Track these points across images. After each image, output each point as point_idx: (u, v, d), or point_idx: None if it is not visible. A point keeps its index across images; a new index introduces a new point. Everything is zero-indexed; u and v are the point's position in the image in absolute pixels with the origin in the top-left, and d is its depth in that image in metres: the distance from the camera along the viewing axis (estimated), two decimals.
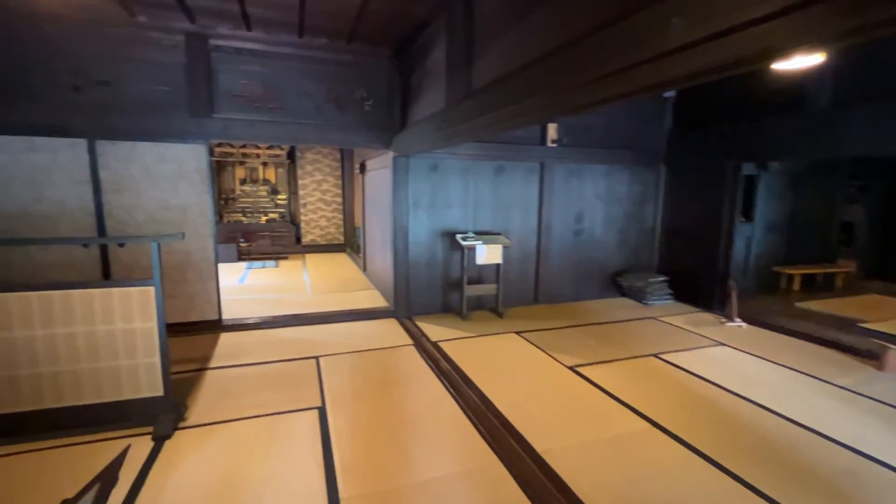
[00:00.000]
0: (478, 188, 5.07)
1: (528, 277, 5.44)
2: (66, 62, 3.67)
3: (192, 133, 4.02)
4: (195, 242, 4.18)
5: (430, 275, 5.00)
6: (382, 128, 4.62)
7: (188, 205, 4.12)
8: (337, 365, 3.56)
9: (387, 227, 5.21)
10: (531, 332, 4.44)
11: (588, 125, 5.40)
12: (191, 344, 3.95)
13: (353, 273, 7.14)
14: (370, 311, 4.97)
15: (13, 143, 3.63)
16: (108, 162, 3.86)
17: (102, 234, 3.91)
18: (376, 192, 5.94)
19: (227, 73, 4.09)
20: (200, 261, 4.23)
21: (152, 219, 4.04)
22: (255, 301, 5.28)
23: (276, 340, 4.10)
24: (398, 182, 4.69)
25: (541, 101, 2.13)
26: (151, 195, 4.01)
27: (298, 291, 5.82)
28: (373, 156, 5.89)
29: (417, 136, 3.84)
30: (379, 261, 5.95)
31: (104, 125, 3.80)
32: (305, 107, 4.35)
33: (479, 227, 5.12)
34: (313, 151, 8.87)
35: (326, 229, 9.18)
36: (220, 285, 5.92)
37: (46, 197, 3.75)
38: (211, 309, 4.32)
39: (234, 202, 8.98)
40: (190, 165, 4.08)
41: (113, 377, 2.52)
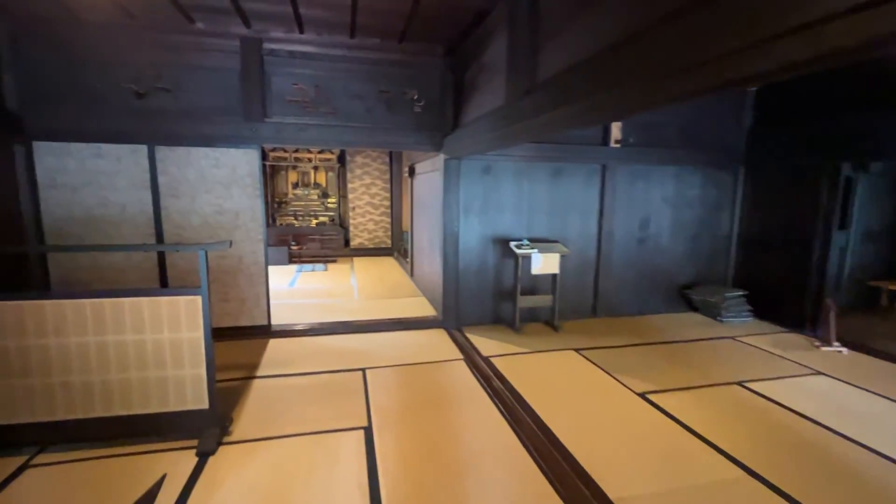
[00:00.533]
0: (533, 192, 4.76)
1: (586, 288, 5.05)
2: (129, 70, 3.75)
3: (245, 138, 4.01)
4: (246, 247, 4.17)
5: (481, 283, 4.74)
6: (433, 129, 4.43)
7: (240, 209, 4.11)
8: (384, 379, 3.38)
9: (436, 233, 5.01)
10: (592, 349, 4.06)
11: (656, 123, 4.93)
12: (240, 349, 3.92)
13: (400, 278, 7.02)
14: (417, 321, 4.78)
15: (82, 150, 3.76)
16: (167, 167, 3.92)
17: (160, 238, 3.98)
18: (425, 195, 5.76)
19: (280, 76, 4.04)
20: (251, 265, 4.21)
21: (206, 223, 4.06)
22: (303, 306, 5.24)
23: (323, 349, 3.99)
24: (449, 185, 4.47)
25: (620, 95, 1.82)
26: (206, 200, 4.03)
27: (346, 296, 5.75)
28: (422, 158, 5.73)
29: (471, 136, 3.60)
30: (427, 266, 5.76)
31: (163, 131, 3.85)
32: (356, 109, 4.24)
33: (534, 233, 4.79)
34: (363, 155, 8.88)
35: (374, 233, 9.16)
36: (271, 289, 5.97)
37: (110, 201, 3.85)
38: (260, 314, 4.30)
39: (286, 206, 9.16)
40: (243, 170, 4.07)
41: (160, 387, 2.46)
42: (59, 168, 3.73)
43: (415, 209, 6.71)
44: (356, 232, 9.06)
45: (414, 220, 6.79)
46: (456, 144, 4.11)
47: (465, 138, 3.80)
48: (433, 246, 5.28)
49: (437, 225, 4.97)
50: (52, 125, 3.66)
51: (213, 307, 4.17)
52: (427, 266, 5.75)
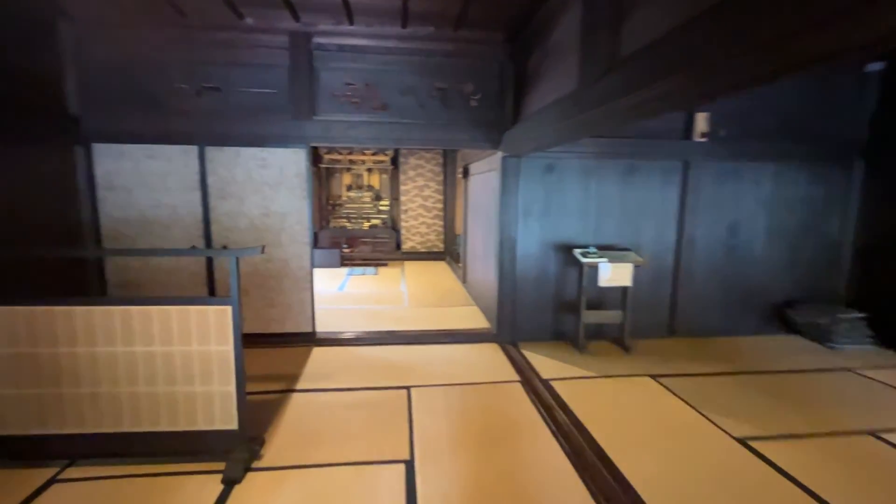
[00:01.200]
0: (601, 193, 4.22)
1: (661, 303, 4.42)
2: (181, 70, 3.70)
3: (293, 137, 3.84)
4: (293, 250, 4.00)
5: (540, 294, 4.27)
6: (491, 125, 4.04)
7: (287, 211, 3.95)
8: (430, 401, 3.03)
9: (491, 237, 4.61)
10: (671, 376, 3.47)
11: (752, 111, 4.22)
12: (283, 358, 3.74)
13: (451, 284, 6.67)
14: (469, 333, 4.40)
15: (136, 152, 3.76)
16: (216, 168, 3.84)
17: (208, 240, 3.90)
18: (480, 197, 5.38)
19: (329, 72, 3.84)
20: (297, 269, 4.04)
21: (253, 225, 3.94)
22: (351, 312, 5.04)
23: (368, 362, 3.72)
24: (507, 186, 4.06)
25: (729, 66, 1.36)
26: (253, 201, 3.91)
27: (395, 303, 5.49)
28: (478, 158, 5.35)
29: (535, 129, 3.17)
30: (480, 273, 5.37)
31: (213, 131, 3.77)
32: (407, 105, 3.94)
33: (602, 239, 4.25)
34: (416, 156, 8.67)
35: (426, 236, 8.91)
36: (320, 292, 5.85)
37: (162, 203, 3.83)
38: (305, 320, 4.11)
39: (339, 208, 9.15)
40: (290, 170, 3.91)
41: (188, 404, 2.27)
42: (115, 170, 3.75)
43: (468, 212, 6.35)
44: (408, 235, 8.86)
45: (467, 224, 6.43)
46: (516, 140, 3.69)
47: (527, 132, 3.38)
48: (487, 251, 4.89)
49: (492, 229, 4.57)
50: (109, 127, 3.68)
51: (259, 312, 4.05)
52: (481, 273, 5.36)
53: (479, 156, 5.18)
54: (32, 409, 2.22)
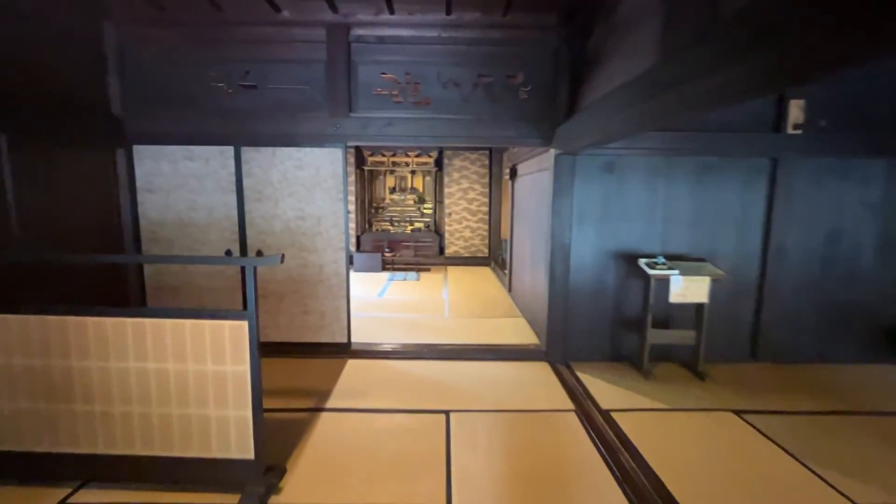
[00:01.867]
0: (671, 195, 3.69)
1: (740, 321, 3.81)
2: (218, 68, 3.59)
3: (329, 136, 3.63)
4: (328, 255, 3.78)
5: (597, 309, 3.79)
6: (542, 119, 3.63)
7: (323, 214, 3.74)
8: (471, 431, 2.67)
9: (540, 244, 4.19)
10: (760, 413, 2.90)
11: (857, 97, 3.55)
12: (316, 371, 3.52)
13: (496, 293, 6.27)
14: (516, 350, 3.99)
15: (175, 153, 3.68)
16: (251, 169, 3.69)
17: (244, 244, 3.76)
18: (528, 200, 4.96)
19: (368, 65, 3.59)
20: (332, 276, 3.81)
21: (288, 228, 3.75)
22: (389, 321, 4.77)
23: (405, 378, 3.41)
24: (560, 187, 3.63)
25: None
26: (288, 204, 3.73)
27: (436, 312, 5.18)
28: (526, 157, 4.94)
29: (595, 121, 2.75)
30: (528, 282, 4.94)
31: (249, 131, 3.63)
32: (451, 98, 3.62)
33: (671, 248, 3.72)
34: (461, 158, 8.35)
35: (471, 241, 8.56)
36: (360, 298, 5.64)
37: (198, 205, 3.73)
38: (340, 330, 3.88)
39: (382, 211, 9.00)
40: (326, 171, 3.69)
41: (202, 428, 2.04)
42: (155, 171, 3.69)
43: (515, 216, 5.93)
44: (451, 239, 8.55)
45: (514, 228, 6.01)
46: (572, 135, 3.27)
47: (585, 125, 2.95)
48: (536, 259, 4.46)
49: (542, 234, 4.15)
50: (149, 128, 3.62)
51: (293, 319, 3.86)
52: (528, 282, 4.94)
53: (528, 155, 4.77)
54: (46, 424, 2.08)
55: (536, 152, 4.33)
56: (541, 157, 4.20)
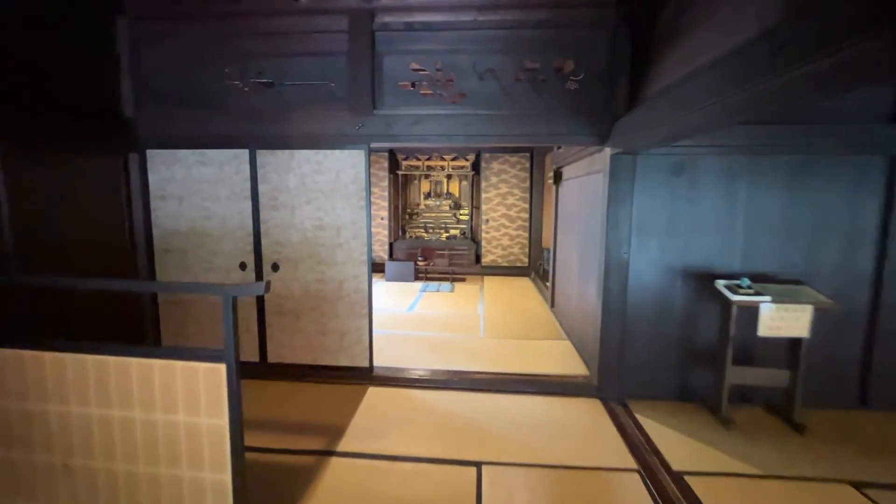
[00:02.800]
0: (755, 202, 3.04)
1: (846, 359, 3.08)
2: (234, 65, 3.28)
3: (350, 136, 3.24)
4: (348, 269, 3.39)
5: (660, 336, 3.18)
6: (596, 113, 3.08)
7: (343, 223, 3.35)
8: (507, 495, 2.16)
9: (590, 257, 3.62)
10: (889, 489, 2.21)
11: None
12: (332, 400, 3.12)
13: (537, 308, 5.70)
14: (561, 382, 3.43)
15: (188, 157, 3.41)
16: (267, 174, 3.36)
17: (258, 255, 3.44)
18: (575, 206, 4.39)
19: (394, 56, 3.17)
20: (353, 292, 3.41)
21: (305, 239, 3.39)
22: (418, 340, 4.32)
23: (431, 414, 2.95)
24: (617, 192, 3.06)
25: None
26: (306, 212, 3.37)
27: (470, 330, 4.68)
28: (574, 158, 4.37)
29: (671, 109, 2.19)
30: (574, 299, 4.36)
31: (265, 133, 3.30)
32: (489, 91, 3.14)
33: (754, 265, 3.06)
34: (499, 161, 7.83)
35: (509, 249, 8.00)
36: (388, 312, 5.24)
37: (212, 213, 3.44)
38: (361, 352, 3.47)
39: (417, 217, 8.62)
40: (347, 176, 3.31)
41: (173, 492, 1.66)
42: (168, 177, 3.44)
43: (559, 223, 5.35)
44: (489, 248, 8.03)
45: (557, 237, 5.43)
46: (632, 131, 2.71)
47: (655, 117, 2.39)
48: (585, 274, 3.89)
49: (592, 246, 3.59)
50: (162, 131, 3.37)
51: (310, 340, 3.49)
52: (575, 299, 4.36)
53: (577, 155, 4.20)
54: (4, 474, 1.77)
55: (587, 152, 3.77)
56: (593, 157, 3.64)
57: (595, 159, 3.55)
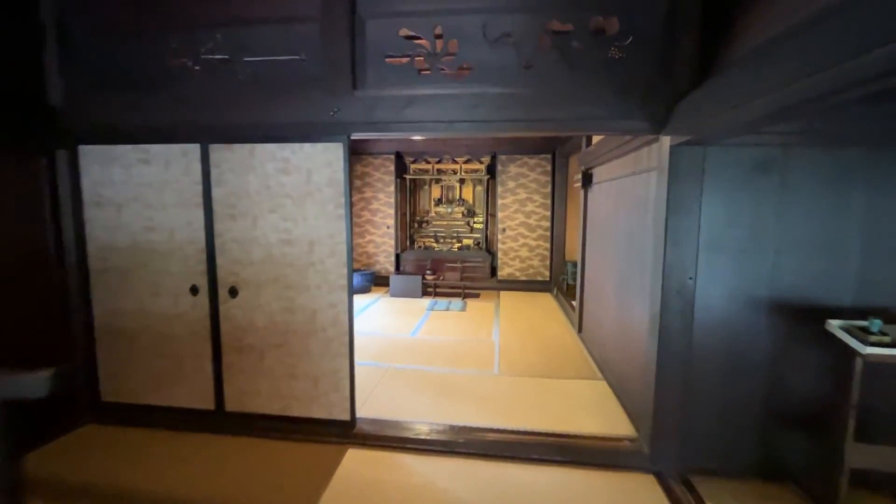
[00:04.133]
0: (876, 209, 2.19)
1: None
2: (182, 37, 2.60)
3: (325, 125, 2.51)
4: (323, 296, 2.65)
5: (737, 390, 2.35)
6: (648, 89, 2.29)
7: (316, 237, 2.62)
8: None
9: (634, 277, 2.81)
10: None
11: None
12: (297, 466, 2.37)
13: (561, 334, 4.86)
14: (601, 448, 2.60)
15: (127, 155, 2.74)
16: (223, 174, 2.66)
17: (213, 277, 2.73)
18: (610, 214, 3.57)
19: (379, 20, 2.44)
20: (329, 325, 2.67)
21: (269, 256, 2.67)
22: (418, 377, 3.55)
23: (425, 499, 2.17)
24: (678, 197, 2.25)
25: None
26: (270, 222, 2.65)
27: (482, 364, 3.88)
28: (610, 155, 3.55)
29: (780, 72, 1.38)
30: (610, 327, 3.53)
31: (220, 122, 2.61)
32: (503, 63, 2.37)
33: (877, 297, 2.20)
34: (517, 163, 7.04)
35: (528, 262, 7.18)
36: (387, 338, 4.50)
37: (157, 224, 2.76)
38: (340, 402, 2.71)
39: (427, 225, 7.88)
40: (321, 176, 2.58)
41: None
42: (104, 179, 2.77)
43: (588, 233, 4.53)
44: (505, 259, 7.22)
45: (587, 250, 4.61)
46: (708, 109, 1.90)
47: (747, 86, 1.59)
48: (626, 297, 3.07)
49: (636, 264, 2.78)
50: (95, 122, 2.72)
51: (276, 384, 2.76)
52: (611, 326, 3.53)
53: (613, 153, 3.39)
54: None
55: (629, 146, 2.96)
56: (638, 153, 2.83)
57: (641, 155, 2.74)
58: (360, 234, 7.55)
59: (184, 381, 2.83)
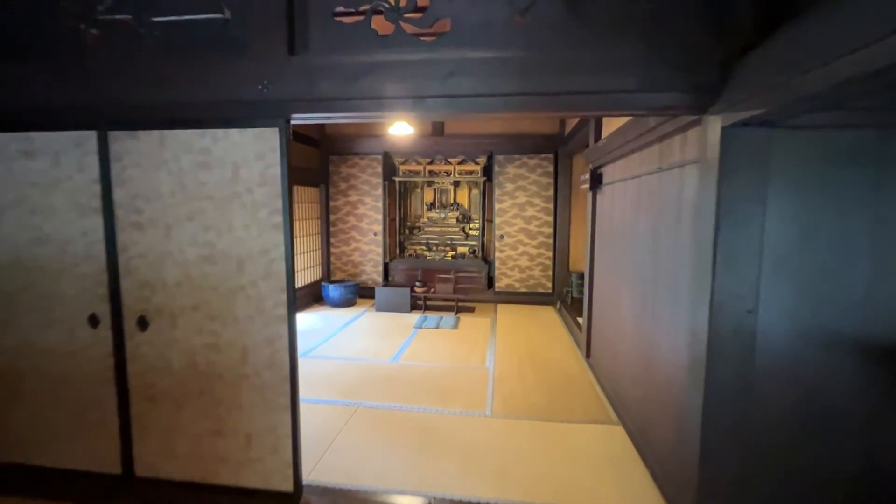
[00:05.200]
0: None
1: None
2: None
3: (255, 103, 1.89)
4: (257, 330, 2.02)
5: (811, 460, 1.70)
6: (691, 49, 1.65)
7: (246, 252, 1.99)
8: None
9: (662, 301, 2.19)
10: None
11: None
12: None
13: (566, 358, 4.22)
14: None
15: (7, 145, 2.12)
16: (125, 170, 2.04)
17: (117, 304, 2.10)
18: (627, 219, 2.94)
19: None
20: (265, 368, 2.03)
21: (188, 277, 2.04)
22: (393, 420, 2.90)
23: None
24: (732, 200, 1.62)
25: None
26: (187, 233, 2.02)
27: (473, 401, 3.24)
28: (624, 150, 2.92)
29: None
30: (627, 357, 2.89)
31: (122, 102, 1.99)
32: (489, 17, 1.75)
33: None
34: (516, 164, 6.41)
35: (528, 272, 6.53)
36: (363, 364, 3.86)
37: (46, 235, 2.13)
38: (280, 467, 2.07)
39: (418, 232, 7.25)
40: (251, 171, 1.95)
41: None
42: None
43: (598, 242, 3.90)
44: (503, 269, 6.57)
45: (595, 261, 3.98)
46: (782, 74, 1.27)
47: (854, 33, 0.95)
48: (648, 321, 2.43)
49: (665, 284, 2.15)
50: None
51: (198, 443, 2.11)
52: (629, 355, 2.89)
53: (632, 143, 2.76)
54: None
55: (654, 135, 2.33)
56: (668, 142, 2.21)
57: (672, 146, 2.12)
58: (346, 242, 6.92)
59: (82, 436, 2.19)
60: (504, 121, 6.41)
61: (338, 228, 6.90)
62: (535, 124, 6.37)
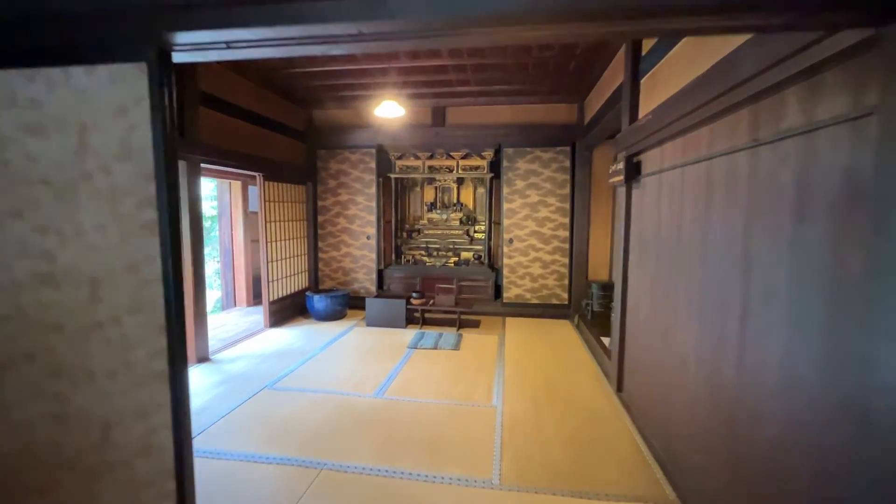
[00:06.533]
0: None
1: None
2: None
3: (108, 22, 1.13)
4: (122, 395, 1.25)
5: None
6: None
7: (104, 271, 1.23)
8: None
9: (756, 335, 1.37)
10: None
11: None
12: None
13: (592, 394, 3.41)
14: None
15: None
16: None
17: None
18: (685, 217, 2.14)
19: None
20: (135, 456, 1.26)
21: (19, 310, 1.28)
22: (365, 494, 2.12)
23: None
24: None
25: None
26: (13, 237, 1.26)
27: (474, 465, 2.44)
28: (684, 123, 2.13)
29: None
30: (692, 405, 2.09)
31: None
32: None
33: None
34: (527, 158, 5.63)
35: (541, 281, 5.73)
36: (342, 400, 3.10)
37: None
38: None
39: (417, 235, 6.48)
40: (107, 137, 1.19)
41: None
42: None
43: (636, 246, 3.11)
44: (513, 278, 5.78)
45: (631, 269, 3.18)
46: None
47: None
48: (734, 357, 1.63)
49: (771, 304, 1.34)
50: None
51: None
52: (693, 403, 2.09)
53: (710, 106, 1.97)
54: None
55: (746, 90, 1.54)
56: (780, 96, 1.41)
57: (787, 100, 1.33)
58: (335, 247, 6.17)
59: None
60: (514, 109, 5.64)
61: (326, 231, 6.16)
62: (549, 112, 5.59)
